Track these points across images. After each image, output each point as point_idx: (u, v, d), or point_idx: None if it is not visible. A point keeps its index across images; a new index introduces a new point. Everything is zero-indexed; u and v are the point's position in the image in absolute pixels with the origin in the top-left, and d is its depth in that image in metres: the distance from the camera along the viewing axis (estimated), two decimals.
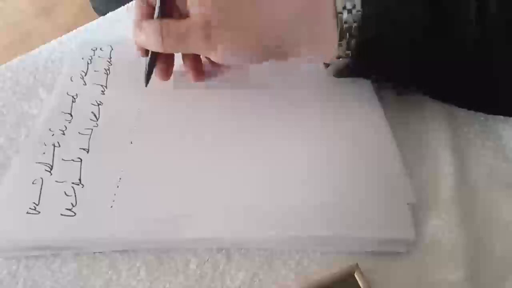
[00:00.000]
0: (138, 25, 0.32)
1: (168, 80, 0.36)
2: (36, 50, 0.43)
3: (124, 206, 0.28)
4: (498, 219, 0.28)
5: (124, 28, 0.45)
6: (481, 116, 0.34)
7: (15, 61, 0.42)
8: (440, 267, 0.26)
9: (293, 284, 0.26)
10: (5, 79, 0.40)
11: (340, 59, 0.30)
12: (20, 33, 1.36)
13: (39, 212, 0.28)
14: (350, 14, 0.28)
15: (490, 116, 0.34)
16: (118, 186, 0.29)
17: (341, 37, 0.28)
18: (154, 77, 0.35)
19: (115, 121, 0.34)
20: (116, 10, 0.48)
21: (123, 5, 0.49)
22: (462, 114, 0.34)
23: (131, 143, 0.32)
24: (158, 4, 0.31)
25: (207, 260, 0.27)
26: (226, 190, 0.29)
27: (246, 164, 0.31)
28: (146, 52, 0.33)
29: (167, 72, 0.35)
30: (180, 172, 0.30)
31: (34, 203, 0.28)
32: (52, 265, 0.27)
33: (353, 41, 0.28)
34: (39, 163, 0.31)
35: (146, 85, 0.34)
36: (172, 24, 0.30)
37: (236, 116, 0.34)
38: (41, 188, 0.29)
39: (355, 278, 0.23)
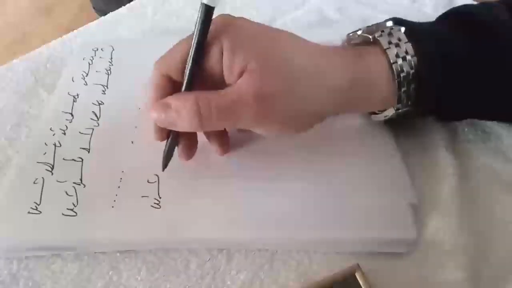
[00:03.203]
0: (161, 104, 0.26)
1: None
2: (37, 51, 0.43)
3: (125, 206, 0.28)
4: (499, 219, 0.28)
5: (124, 28, 0.45)
6: None
7: (15, 61, 0.42)
8: (441, 268, 0.26)
9: (294, 284, 0.26)
10: (5, 79, 0.40)
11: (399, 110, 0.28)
12: (21, 33, 1.36)
13: (41, 212, 0.28)
14: (405, 62, 0.26)
15: None
16: (119, 187, 0.29)
17: (399, 88, 0.26)
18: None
19: (116, 121, 0.34)
20: (116, 10, 0.48)
21: (124, 5, 0.49)
22: None
23: (132, 142, 0.32)
24: (188, 75, 0.26)
25: (208, 260, 0.27)
26: (227, 190, 0.29)
27: (247, 164, 0.31)
28: (167, 133, 0.28)
29: (191, 151, 0.30)
30: (181, 171, 0.30)
31: (35, 203, 0.28)
32: (53, 265, 0.27)
33: (411, 88, 0.26)
34: (40, 162, 0.31)
35: (163, 170, 0.29)
36: (212, 98, 0.25)
37: None
38: (42, 188, 0.29)
39: (356, 278, 0.23)
